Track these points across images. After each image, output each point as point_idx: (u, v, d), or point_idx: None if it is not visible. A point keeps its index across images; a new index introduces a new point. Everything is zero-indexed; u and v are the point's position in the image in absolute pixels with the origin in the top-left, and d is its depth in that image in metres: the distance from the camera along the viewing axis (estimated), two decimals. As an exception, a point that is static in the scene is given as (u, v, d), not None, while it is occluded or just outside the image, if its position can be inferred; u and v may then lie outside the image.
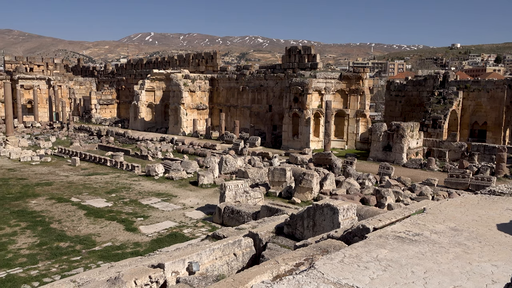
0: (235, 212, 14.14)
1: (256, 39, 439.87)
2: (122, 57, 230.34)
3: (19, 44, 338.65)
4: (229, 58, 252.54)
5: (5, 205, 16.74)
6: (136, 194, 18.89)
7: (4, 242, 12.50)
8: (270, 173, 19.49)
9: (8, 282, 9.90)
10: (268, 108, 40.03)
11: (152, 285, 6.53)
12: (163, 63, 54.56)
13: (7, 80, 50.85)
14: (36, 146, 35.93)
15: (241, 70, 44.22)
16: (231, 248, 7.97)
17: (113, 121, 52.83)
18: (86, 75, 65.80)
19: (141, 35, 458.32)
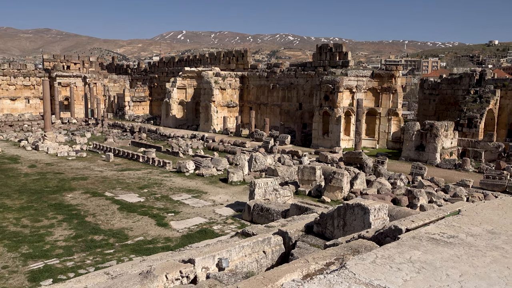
0: (265, 210, 14.17)
1: (286, 36, 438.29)
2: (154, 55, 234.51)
3: (57, 43, 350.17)
4: (260, 56, 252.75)
5: (43, 198, 17.38)
6: (167, 190, 19.21)
7: (42, 234, 12.98)
8: (300, 172, 19.41)
9: (45, 272, 10.28)
10: (298, 106, 39.83)
11: (182, 279, 6.63)
12: (195, 61, 55.17)
13: (46, 77, 52.74)
14: (72, 141, 37.10)
15: (271, 68, 44.17)
16: (260, 246, 7.99)
17: (146, 118, 53.87)
18: (120, 73, 67.35)
19: (173, 34, 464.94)
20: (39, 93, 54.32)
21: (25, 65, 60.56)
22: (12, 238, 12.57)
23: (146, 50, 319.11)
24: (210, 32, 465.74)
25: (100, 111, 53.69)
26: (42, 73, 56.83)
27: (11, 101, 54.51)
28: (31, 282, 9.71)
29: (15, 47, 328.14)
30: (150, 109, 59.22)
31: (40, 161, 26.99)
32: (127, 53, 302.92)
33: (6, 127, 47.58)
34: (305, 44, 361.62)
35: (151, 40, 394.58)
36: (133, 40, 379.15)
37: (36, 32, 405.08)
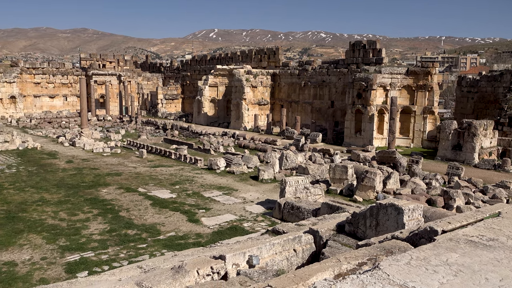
0: (295, 208, 14.09)
1: (318, 34, 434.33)
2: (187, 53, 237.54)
3: (93, 42, 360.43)
4: (291, 53, 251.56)
5: (80, 192, 17.92)
6: (199, 186, 19.42)
7: (78, 227, 13.39)
8: (331, 170, 19.20)
9: (81, 264, 10.60)
10: (330, 104, 39.40)
11: (213, 275, 6.67)
12: (226, 59, 55.49)
13: (83, 76, 54.38)
14: (107, 138, 38.11)
15: (303, 65, 43.88)
16: (291, 244, 7.94)
17: (178, 115, 54.67)
18: (154, 71, 68.61)
19: (205, 32, 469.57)
20: (76, 91, 56.08)
21: (63, 64, 62.65)
22: (51, 231, 13.03)
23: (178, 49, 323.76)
24: (242, 30, 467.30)
25: (134, 109, 54.88)
26: (79, 71, 58.63)
27: (50, 99, 56.53)
28: (68, 274, 10.02)
29: (54, 47, 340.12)
30: (182, 106, 60.04)
31: (76, 156, 27.85)
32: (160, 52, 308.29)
33: (45, 123, 49.41)
34: (337, 41, 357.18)
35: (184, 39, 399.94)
36: (166, 39, 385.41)
37: (74, 32, 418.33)
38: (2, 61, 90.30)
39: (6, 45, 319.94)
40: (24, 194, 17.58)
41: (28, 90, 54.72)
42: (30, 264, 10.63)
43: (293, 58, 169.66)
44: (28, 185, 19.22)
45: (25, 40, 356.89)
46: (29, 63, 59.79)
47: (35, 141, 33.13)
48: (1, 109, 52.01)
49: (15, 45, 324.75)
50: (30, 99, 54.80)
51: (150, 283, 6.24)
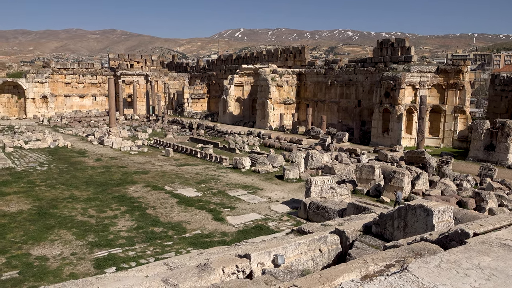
0: (321, 208, 13.97)
1: (345, 32, 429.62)
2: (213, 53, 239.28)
3: (121, 43, 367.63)
4: (317, 52, 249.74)
5: (108, 190, 18.29)
6: (224, 185, 19.51)
7: (106, 224, 13.67)
8: (358, 170, 18.94)
9: (109, 260, 10.80)
10: (356, 103, 38.90)
11: (238, 274, 6.67)
12: (252, 58, 55.57)
13: (111, 76, 55.52)
14: (134, 137, 38.79)
15: (329, 64, 43.48)
16: (316, 244, 7.86)
17: (204, 114, 55.13)
18: (180, 71, 69.41)
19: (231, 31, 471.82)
20: (105, 91, 57.30)
21: (92, 64, 64.16)
22: (80, 227, 13.34)
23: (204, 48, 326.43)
24: (268, 29, 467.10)
25: (161, 108, 55.66)
26: (107, 71, 59.90)
27: (79, 98, 57.99)
28: (97, 269, 10.24)
29: (84, 47, 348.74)
30: (208, 106, 60.50)
31: (105, 155, 28.45)
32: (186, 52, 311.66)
33: (75, 122, 50.71)
34: (364, 39, 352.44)
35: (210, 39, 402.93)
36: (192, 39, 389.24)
37: (102, 33, 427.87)
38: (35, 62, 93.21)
39: (39, 47, 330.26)
40: (55, 191, 18.07)
41: (59, 90, 56.28)
42: (61, 259, 10.91)
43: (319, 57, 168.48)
44: (59, 182, 19.76)
45: (56, 41, 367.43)
46: (60, 63, 61.51)
47: (65, 140, 34.03)
48: (34, 109, 53.68)
49: (47, 47, 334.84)
50: (61, 99, 56.35)
51: (176, 280, 6.29)
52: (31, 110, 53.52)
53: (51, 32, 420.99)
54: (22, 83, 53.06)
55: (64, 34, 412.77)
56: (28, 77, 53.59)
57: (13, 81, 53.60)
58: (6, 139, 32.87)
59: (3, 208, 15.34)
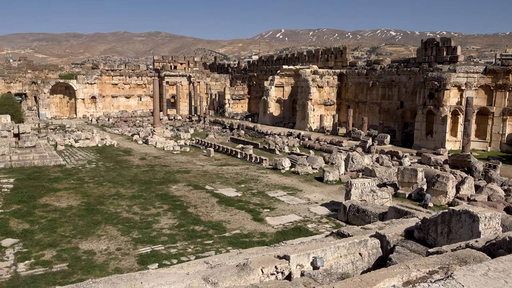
0: (361, 211, 13.79)
1: (388, 32, 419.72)
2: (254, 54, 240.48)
3: (165, 45, 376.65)
4: (359, 52, 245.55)
5: (151, 188, 18.86)
6: (263, 186, 19.63)
7: (150, 221, 14.11)
8: (400, 173, 18.52)
9: (152, 257, 11.16)
10: (399, 105, 37.98)
11: (277, 275, 6.73)
12: (292, 59, 55.47)
13: (156, 77, 57.09)
14: (177, 137, 39.70)
15: (371, 64, 42.71)
16: (356, 247, 7.80)
17: (244, 115, 55.59)
18: (221, 72, 70.34)
19: (272, 32, 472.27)
20: (150, 92, 58.99)
21: (138, 66, 66.24)
22: (125, 224, 13.85)
23: (246, 50, 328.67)
24: (309, 30, 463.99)
25: (203, 109, 56.63)
26: (152, 73, 61.65)
27: (126, 99, 60.05)
28: (140, 265, 10.60)
29: (130, 50, 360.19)
30: (248, 106, 60.96)
31: (149, 154, 29.32)
32: (228, 53, 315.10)
33: (121, 122, 52.52)
34: (408, 39, 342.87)
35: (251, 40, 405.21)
36: (234, 40, 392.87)
37: (148, 35, 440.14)
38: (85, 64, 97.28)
39: (88, 49, 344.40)
40: (102, 188, 18.84)
41: (107, 91, 58.54)
42: (107, 254, 11.38)
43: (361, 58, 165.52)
44: (106, 179, 20.57)
45: (104, 44, 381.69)
46: (108, 65, 63.97)
47: (112, 139, 35.34)
48: (83, 109, 56.10)
49: (96, 49, 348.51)
50: (108, 99, 58.58)
51: (216, 278, 6.44)
52: (81, 110, 55.99)
53: (100, 35, 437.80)
54: (73, 84, 55.60)
55: (112, 37, 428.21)
56: (78, 79, 56.14)
57: (64, 82, 56.30)
58: (58, 138, 34.57)
59: (54, 203, 16.17)
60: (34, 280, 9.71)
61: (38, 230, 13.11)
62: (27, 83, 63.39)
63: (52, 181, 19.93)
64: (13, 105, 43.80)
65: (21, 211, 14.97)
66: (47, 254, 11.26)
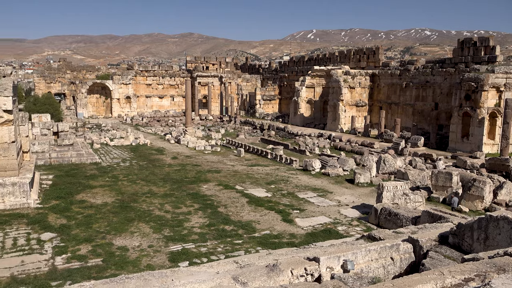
0: (393, 215, 13.55)
1: (423, 31, 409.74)
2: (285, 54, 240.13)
3: (198, 46, 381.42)
4: (392, 53, 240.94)
5: (183, 187, 19.15)
6: (293, 187, 19.58)
7: (181, 220, 14.34)
8: (434, 177, 18.07)
9: (183, 254, 11.34)
10: (433, 106, 37.03)
11: (307, 277, 6.72)
12: (324, 59, 55.05)
13: (188, 78, 57.94)
14: (208, 136, 40.15)
15: (404, 65, 41.83)
16: (388, 252, 7.68)
17: (275, 116, 55.58)
18: (252, 73, 70.61)
19: (303, 33, 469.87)
20: (182, 92, 59.94)
21: (171, 66, 67.43)
22: (157, 221, 14.14)
23: (277, 50, 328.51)
24: (340, 30, 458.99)
25: (234, 109, 57.01)
26: (185, 73, 62.60)
27: (159, 99, 61.24)
28: (171, 262, 10.80)
29: (164, 51, 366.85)
30: (279, 107, 60.93)
31: (181, 153, 29.78)
32: (259, 53, 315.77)
33: (154, 122, 53.57)
34: (443, 39, 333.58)
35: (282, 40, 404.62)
36: (265, 41, 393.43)
37: (181, 36, 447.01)
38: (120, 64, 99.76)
39: (124, 50, 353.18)
40: (136, 186, 19.29)
41: (141, 91, 59.88)
42: (139, 250, 11.65)
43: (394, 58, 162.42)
44: (139, 178, 21.05)
45: (139, 45, 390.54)
46: (142, 66, 65.44)
47: (145, 138, 36.12)
48: (118, 108, 57.59)
49: (131, 50, 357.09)
50: (142, 99, 59.91)
51: (245, 278, 6.49)
52: (116, 109, 57.50)
53: (135, 37, 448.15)
54: (109, 85, 57.19)
55: (146, 38, 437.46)
56: (114, 79, 57.70)
57: (101, 83, 57.99)
58: (94, 136, 35.64)
59: (90, 200, 16.69)
60: (70, 273, 10.05)
61: (74, 225, 13.57)
62: (66, 83, 65.69)
63: (88, 178, 20.57)
64: (53, 104, 45.49)
65: (59, 207, 15.53)
66: (83, 249, 11.64)
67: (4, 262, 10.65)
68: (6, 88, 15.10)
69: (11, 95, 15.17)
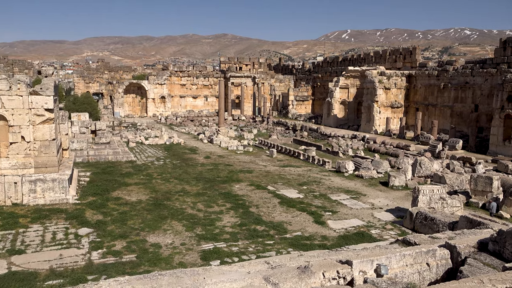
0: (429, 219, 13.17)
1: (462, 31, 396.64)
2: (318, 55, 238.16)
3: (231, 47, 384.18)
4: (430, 53, 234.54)
5: (215, 186, 19.32)
6: (326, 188, 19.37)
7: (213, 219, 14.46)
8: (473, 181, 17.43)
9: (214, 253, 11.43)
10: (473, 108, 35.75)
11: (339, 280, 6.62)
12: (359, 60, 54.24)
13: (221, 78, 58.41)
14: (240, 136, 40.34)
15: (443, 65, 40.60)
16: (423, 257, 7.47)
17: (307, 116, 55.22)
18: (286, 73, 70.41)
19: (338, 33, 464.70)
20: (215, 92, 60.50)
21: (205, 67, 68.25)
22: (189, 220, 14.32)
23: (310, 51, 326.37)
24: (376, 30, 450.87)
25: (266, 109, 57.04)
26: (218, 74, 63.17)
27: (193, 99, 62.10)
28: (203, 261, 10.91)
29: (198, 51, 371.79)
30: (312, 108, 60.50)
31: (213, 153, 30.06)
32: (292, 54, 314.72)
33: (188, 121, 54.33)
34: (484, 38, 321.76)
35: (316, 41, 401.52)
36: (298, 41, 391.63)
37: (215, 37, 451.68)
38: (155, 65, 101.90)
39: (159, 51, 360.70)
40: (169, 184, 19.61)
41: (175, 91, 60.92)
42: (172, 248, 11.83)
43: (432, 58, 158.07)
44: (173, 176, 21.39)
45: (174, 46, 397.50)
46: (177, 66, 66.60)
47: (179, 137, 36.69)
48: (153, 108, 58.82)
49: (166, 51, 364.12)
50: (176, 99, 60.94)
51: (277, 279, 6.47)
52: (151, 109, 58.75)
53: (170, 38, 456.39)
54: (145, 85, 58.51)
55: (181, 39, 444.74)
56: (149, 79, 59.00)
57: (137, 83, 59.42)
58: (130, 135, 36.52)
59: (125, 197, 17.10)
60: (106, 268, 10.32)
61: (110, 221, 13.94)
62: (103, 83, 67.68)
63: (124, 176, 21.08)
64: (91, 103, 46.94)
65: (96, 203, 16.00)
66: (118, 244, 11.93)
67: (44, 255, 11.07)
68: (48, 87, 15.70)
69: (52, 94, 15.77)
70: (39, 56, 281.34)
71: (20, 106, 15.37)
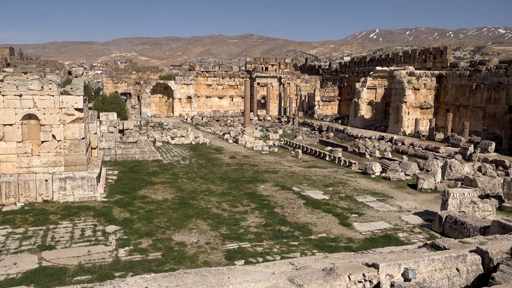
0: (459, 223, 12.79)
1: (496, 30, 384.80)
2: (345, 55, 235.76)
3: (257, 47, 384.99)
4: (461, 52, 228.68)
5: (240, 186, 19.35)
6: (352, 190, 19.12)
7: (238, 219, 14.48)
8: (506, 184, 16.84)
9: (239, 253, 11.43)
10: (507, 109, 34.56)
11: (365, 283, 6.50)
12: (387, 60, 53.36)
13: (247, 78, 58.58)
14: (266, 137, 40.33)
15: (475, 65, 39.46)
16: (453, 262, 7.24)
17: (334, 117, 54.71)
18: (312, 73, 69.98)
19: (365, 33, 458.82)
20: (241, 92, 60.73)
21: (231, 67, 68.59)
22: (214, 219, 14.38)
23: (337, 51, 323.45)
24: (405, 30, 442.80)
25: (292, 110, 56.83)
26: (244, 74, 63.38)
27: (218, 99, 62.52)
28: (227, 260, 10.92)
29: (224, 52, 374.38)
30: (338, 108, 59.91)
31: (238, 153, 30.15)
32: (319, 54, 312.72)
33: (214, 121, 54.72)
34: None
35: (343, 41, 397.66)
36: (325, 41, 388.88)
37: (241, 37, 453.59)
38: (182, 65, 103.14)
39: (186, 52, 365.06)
40: (195, 184, 19.77)
41: (201, 91, 61.48)
42: (197, 246, 11.90)
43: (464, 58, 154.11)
44: (198, 176, 21.56)
45: (201, 46, 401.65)
46: (203, 67, 67.17)
47: (204, 137, 36.98)
48: (180, 108, 59.54)
49: (192, 51, 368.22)
50: (202, 99, 61.48)
51: (301, 280, 6.40)
52: (177, 109, 59.49)
53: (196, 38, 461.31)
54: (171, 85, 59.29)
55: (207, 39, 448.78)
56: (176, 80, 59.76)
57: (164, 83, 60.28)
58: (156, 135, 37.07)
59: (151, 195, 17.34)
60: (132, 265, 10.48)
61: (136, 219, 14.15)
62: (131, 83, 68.98)
63: (150, 174, 21.39)
64: (119, 103, 47.89)
65: (123, 201, 16.28)
66: (144, 242, 12.10)
67: (73, 251, 11.33)
68: (78, 87, 16.08)
69: (82, 94, 16.15)
70: (70, 57, 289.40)
71: (51, 105, 15.79)
